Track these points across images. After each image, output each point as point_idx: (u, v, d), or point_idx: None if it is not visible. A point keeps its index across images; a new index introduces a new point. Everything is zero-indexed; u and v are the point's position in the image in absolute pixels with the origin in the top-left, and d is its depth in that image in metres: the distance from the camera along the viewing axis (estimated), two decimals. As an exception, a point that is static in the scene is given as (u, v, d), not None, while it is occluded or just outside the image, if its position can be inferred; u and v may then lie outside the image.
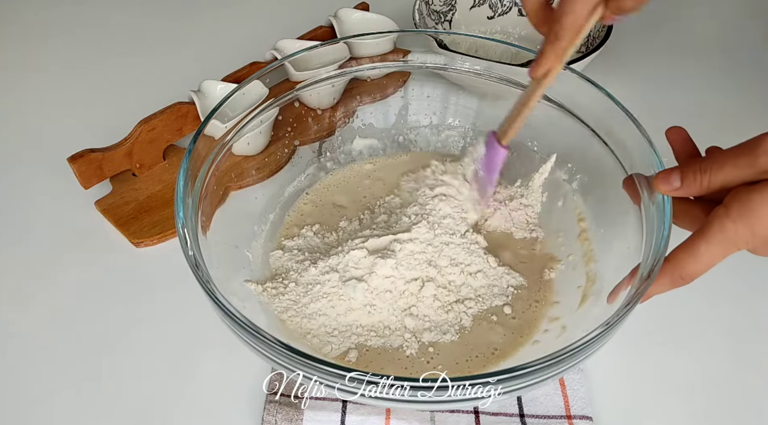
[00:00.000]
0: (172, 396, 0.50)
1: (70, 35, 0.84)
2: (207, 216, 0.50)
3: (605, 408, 0.49)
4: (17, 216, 0.62)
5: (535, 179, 0.59)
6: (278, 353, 0.38)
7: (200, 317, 0.51)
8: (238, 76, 0.66)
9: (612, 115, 0.50)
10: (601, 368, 0.50)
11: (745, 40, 0.84)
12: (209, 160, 0.51)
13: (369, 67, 0.61)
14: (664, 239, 0.41)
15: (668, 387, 0.50)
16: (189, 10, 0.89)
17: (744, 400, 0.50)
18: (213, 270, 0.44)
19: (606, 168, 0.52)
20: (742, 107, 0.73)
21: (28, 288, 0.57)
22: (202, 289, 0.41)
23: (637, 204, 0.46)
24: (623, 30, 0.81)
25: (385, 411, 0.47)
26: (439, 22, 0.79)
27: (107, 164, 0.61)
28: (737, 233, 0.37)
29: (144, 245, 0.60)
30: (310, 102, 0.62)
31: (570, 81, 0.54)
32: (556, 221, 0.57)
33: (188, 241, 0.43)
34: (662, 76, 0.78)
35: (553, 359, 0.37)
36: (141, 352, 0.52)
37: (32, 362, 0.52)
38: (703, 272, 0.39)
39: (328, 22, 0.73)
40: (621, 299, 0.41)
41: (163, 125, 0.62)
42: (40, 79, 0.78)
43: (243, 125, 0.55)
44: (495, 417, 0.47)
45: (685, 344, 0.53)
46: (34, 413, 0.49)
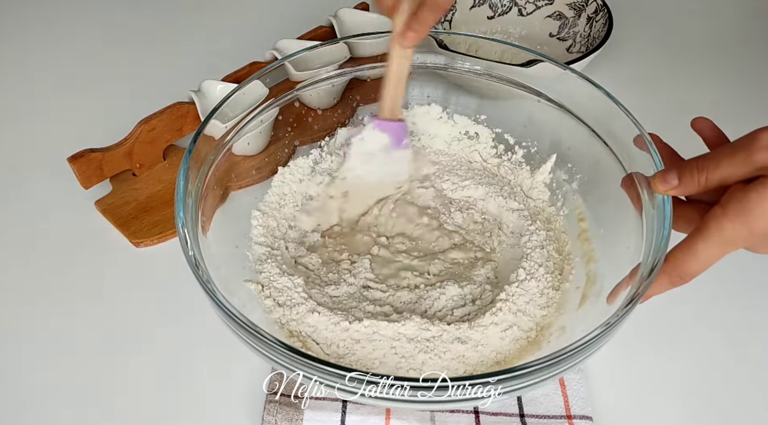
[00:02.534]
0: (172, 396, 0.50)
1: (71, 35, 0.84)
2: (207, 216, 0.50)
3: (605, 408, 0.49)
4: (17, 216, 0.62)
5: (536, 177, 0.59)
6: (278, 353, 0.38)
7: (200, 317, 0.51)
8: (238, 76, 0.66)
9: (612, 115, 0.50)
10: (601, 368, 0.50)
11: (745, 40, 0.84)
12: (209, 160, 0.51)
13: (369, 67, 0.61)
14: (664, 238, 0.41)
15: (668, 387, 0.50)
16: (189, 10, 0.89)
17: (743, 400, 0.50)
18: (213, 270, 0.44)
19: (606, 168, 0.52)
20: (742, 106, 0.73)
21: (28, 288, 0.57)
22: (202, 289, 0.41)
23: (635, 204, 0.46)
24: (623, 30, 0.81)
25: (385, 411, 0.47)
26: (439, 22, 0.79)
27: (107, 164, 0.61)
28: (735, 232, 0.37)
29: (144, 245, 0.60)
30: (310, 102, 0.62)
31: (570, 81, 0.54)
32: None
33: (188, 241, 0.43)
34: (662, 76, 0.78)
35: (553, 359, 0.37)
36: (141, 352, 0.52)
37: (32, 361, 0.52)
38: (701, 271, 0.39)
39: (328, 22, 0.73)
40: (621, 300, 0.41)
41: (163, 125, 0.62)
42: (41, 79, 0.78)
43: (243, 125, 0.55)
44: (495, 417, 0.47)
45: (684, 344, 0.53)
46: (33, 413, 0.49)
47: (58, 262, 0.58)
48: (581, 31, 0.77)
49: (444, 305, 0.51)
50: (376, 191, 0.59)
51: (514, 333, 0.48)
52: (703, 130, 0.44)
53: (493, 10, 0.81)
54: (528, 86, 0.58)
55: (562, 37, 0.79)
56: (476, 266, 0.54)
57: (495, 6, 0.81)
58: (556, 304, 0.51)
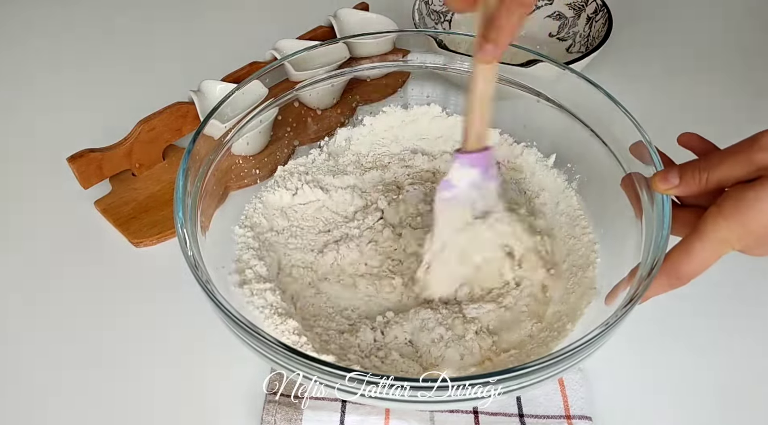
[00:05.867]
0: (172, 396, 0.50)
1: (71, 35, 0.84)
2: (206, 216, 0.50)
3: (605, 408, 0.49)
4: (17, 216, 0.62)
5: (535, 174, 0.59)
6: (278, 353, 0.38)
7: (200, 318, 0.51)
8: (237, 76, 0.66)
9: (612, 115, 0.50)
10: (601, 368, 0.50)
11: (746, 40, 0.84)
12: (208, 160, 0.51)
13: (369, 67, 0.61)
14: (664, 239, 0.41)
15: (668, 387, 0.50)
16: (189, 10, 0.89)
17: (743, 400, 0.50)
18: (212, 270, 0.44)
19: (606, 168, 0.52)
20: (743, 107, 0.73)
21: (28, 288, 0.57)
22: (202, 289, 0.41)
23: (634, 204, 0.47)
24: (623, 30, 0.81)
25: (385, 411, 0.47)
26: (439, 22, 0.79)
27: (107, 164, 0.61)
28: (730, 231, 0.37)
29: (143, 245, 0.60)
30: (309, 102, 0.62)
31: (570, 81, 0.54)
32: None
33: (188, 241, 0.43)
34: (662, 76, 0.78)
35: (553, 359, 0.37)
36: (140, 352, 0.52)
37: (32, 361, 0.52)
38: (699, 272, 0.39)
39: (327, 22, 0.73)
40: (620, 300, 0.41)
41: (162, 125, 0.62)
42: (41, 79, 0.78)
43: (243, 124, 0.55)
44: (494, 417, 0.47)
45: (684, 344, 0.53)
46: (33, 413, 0.49)
47: (58, 262, 0.58)
48: (581, 31, 0.77)
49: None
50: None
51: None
52: (691, 143, 0.44)
53: (493, 10, 0.81)
54: (527, 86, 0.58)
55: (562, 37, 0.79)
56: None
57: (495, 6, 0.81)
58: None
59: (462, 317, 0.49)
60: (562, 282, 0.52)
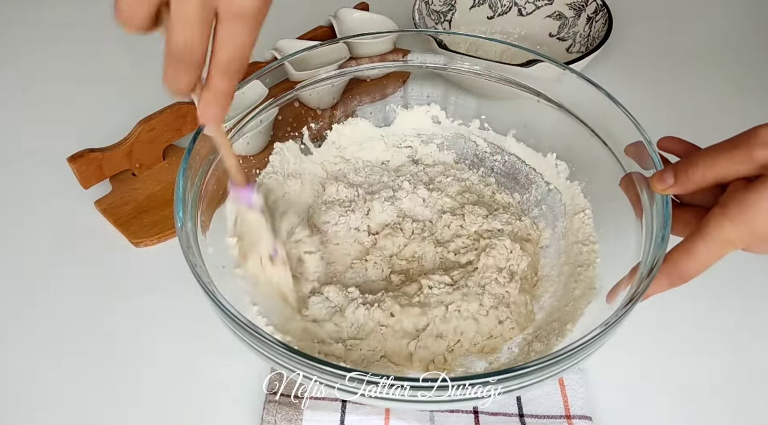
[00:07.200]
0: (172, 396, 0.50)
1: (70, 35, 0.84)
2: (207, 216, 0.50)
3: (605, 408, 0.49)
4: (17, 216, 0.62)
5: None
6: (278, 353, 0.38)
7: (200, 318, 0.51)
8: (237, 76, 0.66)
9: (612, 115, 0.50)
10: (601, 368, 0.50)
11: (746, 40, 0.84)
12: (209, 160, 0.51)
13: (369, 67, 0.61)
14: (663, 238, 0.41)
15: (668, 387, 0.50)
16: (189, 10, 0.89)
17: (743, 400, 0.50)
18: (212, 270, 0.44)
19: (606, 168, 0.52)
20: (743, 107, 0.73)
21: (28, 288, 0.57)
22: (202, 289, 0.41)
23: (634, 204, 0.47)
24: (623, 30, 0.81)
25: (385, 411, 0.47)
26: (439, 22, 0.79)
27: (107, 164, 0.61)
28: (735, 231, 0.37)
29: (143, 245, 0.60)
30: (309, 102, 0.62)
31: (570, 81, 0.54)
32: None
33: (188, 241, 0.43)
34: (662, 76, 0.78)
35: (553, 359, 0.37)
36: (140, 352, 0.52)
37: (32, 361, 0.52)
38: (700, 271, 0.39)
39: (327, 22, 0.73)
40: (620, 299, 0.41)
41: (162, 125, 0.62)
42: (41, 78, 0.78)
43: (243, 124, 0.55)
44: (494, 416, 0.47)
45: (684, 344, 0.53)
46: (33, 412, 0.49)
47: (58, 262, 0.58)
48: (581, 31, 0.77)
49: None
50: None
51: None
52: (673, 146, 0.44)
53: (493, 10, 0.81)
54: (528, 86, 0.58)
55: (562, 37, 0.79)
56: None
57: (495, 6, 0.81)
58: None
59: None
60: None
